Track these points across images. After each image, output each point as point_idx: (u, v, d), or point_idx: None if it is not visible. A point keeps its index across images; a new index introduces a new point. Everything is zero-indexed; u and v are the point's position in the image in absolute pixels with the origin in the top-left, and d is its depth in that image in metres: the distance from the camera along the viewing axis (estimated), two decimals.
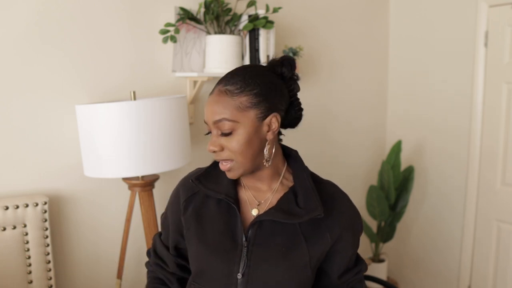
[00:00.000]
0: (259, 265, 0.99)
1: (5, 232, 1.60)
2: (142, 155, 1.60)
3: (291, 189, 1.05)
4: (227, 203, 1.05)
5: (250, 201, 1.06)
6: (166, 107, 1.64)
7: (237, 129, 0.97)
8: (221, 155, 0.99)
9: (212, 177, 1.08)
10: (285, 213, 1.00)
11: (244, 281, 0.99)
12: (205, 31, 2.06)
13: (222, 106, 0.97)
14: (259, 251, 1.00)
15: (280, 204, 1.02)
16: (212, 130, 1.00)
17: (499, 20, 2.43)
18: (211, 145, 0.99)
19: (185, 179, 1.14)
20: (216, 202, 1.06)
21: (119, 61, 1.91)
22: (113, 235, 1.95)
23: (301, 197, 1.02)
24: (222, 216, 1.04)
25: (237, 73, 1.01)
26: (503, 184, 2.50)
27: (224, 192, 1.04)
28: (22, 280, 1.63)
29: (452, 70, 2.65)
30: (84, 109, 1.62)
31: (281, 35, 2.38)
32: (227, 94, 0.97)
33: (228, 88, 0.98)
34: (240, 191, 1.08)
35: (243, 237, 1.01)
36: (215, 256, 1.02)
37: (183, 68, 2.05)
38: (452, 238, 2.75)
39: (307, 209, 1.00)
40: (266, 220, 1.01)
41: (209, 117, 0.99)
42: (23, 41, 1.69)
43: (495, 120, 2.49)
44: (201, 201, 1.08)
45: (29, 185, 1.75)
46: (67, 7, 1.76)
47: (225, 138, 0.98)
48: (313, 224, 1.01)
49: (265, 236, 1.01)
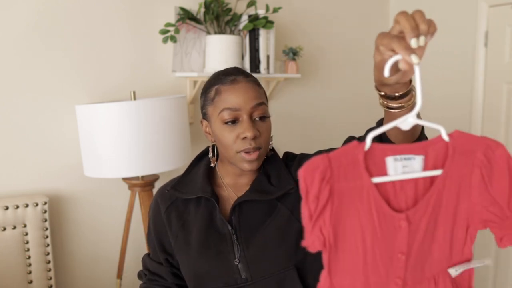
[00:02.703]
0: (253, 244, 1.00)
1: (5, 232, 1.60)
2: (142, 155, 1.60)
3: (263, 172, 1.07)
4: (205, 200, 1.06)
5: (232, 197, 1.08)
6: (166, 107, 1.64)
7: (268, 115, 1.03)
8: (257, 142, 1.01)
9: (186, 183, 1.10)
10: (259, 192, 1.03)
11: (244, 266, 1.00)
12: (205, 31, 2.06)
13: (258, 91, 1.02)
14: (248, 232, 1.01)
15: (254, 186, 1.05)
16: (245, 116, 1.00)
17: (499, 20, 2.43)
18: (252, 130, 0.99)
19: (160, 190, 1.15)
20: (196, 204, 1.07)
21: (119, 61, 1.91)
22: (113, 235, 1.95)
23: (273, 176, 1.06)
24: (203, 213, 1.06)
25: (241, 70, 1.06)
26: None
27: (200, 190, 1.06)
28: (22, 280, 1.63)
29: (452, 70, 2.65)
30: (84, 109, 1.62)
31: (281, 35, 2.38)
32: (256, 83, 1.03)
33: (252, 79, 1.04)
34: (221, 190, 1.09)
35: (227, 226, 1.02)
36: (207, 255, 1.02)
37: (183, 68, 2.05)
38: None
39: (280, 186, 1.03)
40: (244, 202, 1.03)
41: (247, 102, 0.99)
42: (23, 41, 1.69)
43: (495, 120, 2.49)
44: (182, 209, 1.09)
45: (29, 185, 1.75)
46: (67, 7, 1.76)
47: (261, 123, 1.01)
48: (294, 196, 1.03)
49: (248, 217, 1.03)
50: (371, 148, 0.70)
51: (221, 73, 1.05)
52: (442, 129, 0.69)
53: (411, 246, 0.71)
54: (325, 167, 0.68)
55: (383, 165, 0.70)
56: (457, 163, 0.69)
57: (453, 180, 0.70)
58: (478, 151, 0.69)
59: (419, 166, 0.70)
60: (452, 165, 0.70)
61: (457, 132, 0.70)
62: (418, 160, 0.70)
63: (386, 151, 0.70)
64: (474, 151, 0.69)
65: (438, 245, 0.72)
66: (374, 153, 0.70)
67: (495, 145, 0.69)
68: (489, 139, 0.69)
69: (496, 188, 0.68)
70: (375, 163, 0.70)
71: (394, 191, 0.71)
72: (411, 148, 0.70)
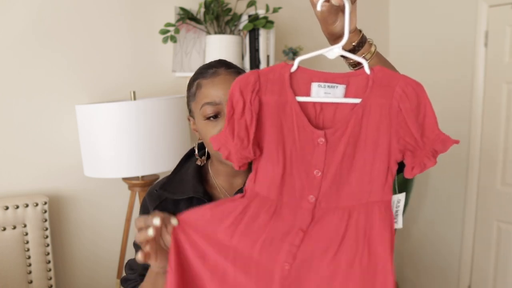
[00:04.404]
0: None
1: (5, 232, 1.60)
2: (142, 155, 1.60)
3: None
4: (197, 201, 0.99)
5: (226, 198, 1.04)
6: (166, 107, 1.64)
7: None
8: None
9: (176, 183, 1.04)
10: None
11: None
12: (205, 31, 2.06)
13: None
14: None
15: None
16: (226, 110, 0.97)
17: (499, 20, 2.43)
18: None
19: (149, 190, 1.09)
20: (187, 205, 1.00)
21: (119, 61, 1.91)
22: (113, 235, 1.95)
23: None
24: None
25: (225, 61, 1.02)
26: (503, 184, 2.50)
27: (192, 189, 1.00)
28: (22, 280, 1.63)
29: (452, 70, 2.65)
30: (84, 109, 1.62)
31: (281, 35, 2.38)
32: (239, 73, 0.96)
33: (235, 70, 0.99)
34: (213, 191, 1.05)
35: None
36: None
37: (183, 68, 2.05)
38: (452, 238, 2.75)
39: None
40: None
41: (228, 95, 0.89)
42: (22, 41, 1.69)
43: (495, 120, 2.49)
44: (171, 210, 1.00)
45: (29, 185, 1.75)
46: (67, 7, 1.76)
47: None
48: None
49: None
50: (299, 71, 0.78)
51: (203, 67, 1.01)
52: (365, 62, 0.75)
53: (328, 165, 0.75)
54: (255, 80, 0.76)
55: (308, 88, 0.77)
56: (376, 94, 0.74)
57: (372, 111, 0.74)
58: (397, 86, 0.73)
59: (340, 93, 0.76)
60: (371, 95, 0.74)
61: (378, 67, 0.75)
62: (340, 89, 0.76)
63: (312, 77, 0.77)
64: (394, 86, 0.73)
65: (357, 175, 0.75)
66: (301, 75, 0.78)
67: (414, 83, 0.73)
68: (409, 78, 0.74)
69: (412, 121, 0.72)
70: (299, 85, 0.77)
71: (314, 113, 0.77)
72: (335, 77, 0.76)
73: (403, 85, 0.72)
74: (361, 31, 0.83)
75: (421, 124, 0.72)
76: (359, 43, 0.83)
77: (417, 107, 0.72)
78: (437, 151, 0.72)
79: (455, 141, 0.71)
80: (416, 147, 0.72)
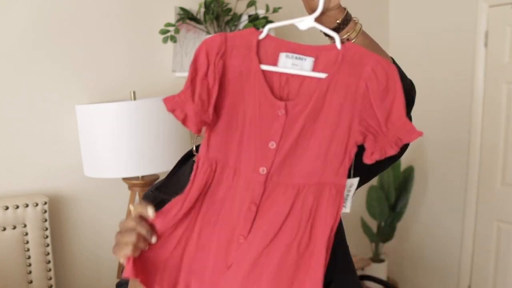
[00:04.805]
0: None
1: (5, 232, 1.60)
2: (142, 155, 1.60)
3: None
4: None
5: None
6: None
7: None
8: None
9: (172, 184, 1.05)
10: None
11: None
12: (205, 31, 2.06)
13: None
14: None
15: None
16: None
17: (499, 20, 2.43)
18: None
19: (145, 193, 1.10)
20: None
21: (119, 61, 1.91)
22: (113, 235, 1.92)
23: None
24: None
25: None
26: (503, 184, 2.50)
27: None
28: (22, 280, 1.63)
29: (452, 70, 2.65)
30: (84, 109, 1.62)
31: (281, 35, 2.38)
32: None
33: None
34: None
35: None
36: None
37: (183, 68, 2.05)
38: (452, 238, 2.75)
39: None
40: None
41: None
42: (22, 41, 1.69)
43: (495, 120, 2.49)
44: None
45: (29, 185, 1.75)
46: (67, 7, 1.76)
47: None
48: None
49: None
50: (267, 39, 0.76)
51: None
52: (337, 37, 0.73)
53: (285, 138, 0.73)
54: (221, 43, 0.74)
55: (275, 58, 0.74)
56: (344, 71, 0.71)
57: (337, 88, 0.71)
58: (368, 65, 0.70)
59: (308, 66, 0.73)
60: (339, 72, 0.71)
61: (350, 43, 0.73)
62: (308, 61, 0.73)
63: (281, 47, 0.75)
64: (364, 64, 0.70)
65: (313, 153, 0.72)
66: (270, 44, 0.75)
67: (385, 63, 0.70)
68: (381, 58, 0.70)
69: (378, 103, 0.69)
70: (267, 54, 0.75)
71: (279, 84, 0.74)
72: (305, 49, 0.74)
73: (374, 64, 0.69)
74: (345, 9, 0.81)
75: (388, 108, 0.68)
76: (343, 21, 0.80)
77: (385, 89, 0.68)
78: (401, 139, 0.68)
79: (419, 133, 0.68)
80: (378, 131, 0.69)
